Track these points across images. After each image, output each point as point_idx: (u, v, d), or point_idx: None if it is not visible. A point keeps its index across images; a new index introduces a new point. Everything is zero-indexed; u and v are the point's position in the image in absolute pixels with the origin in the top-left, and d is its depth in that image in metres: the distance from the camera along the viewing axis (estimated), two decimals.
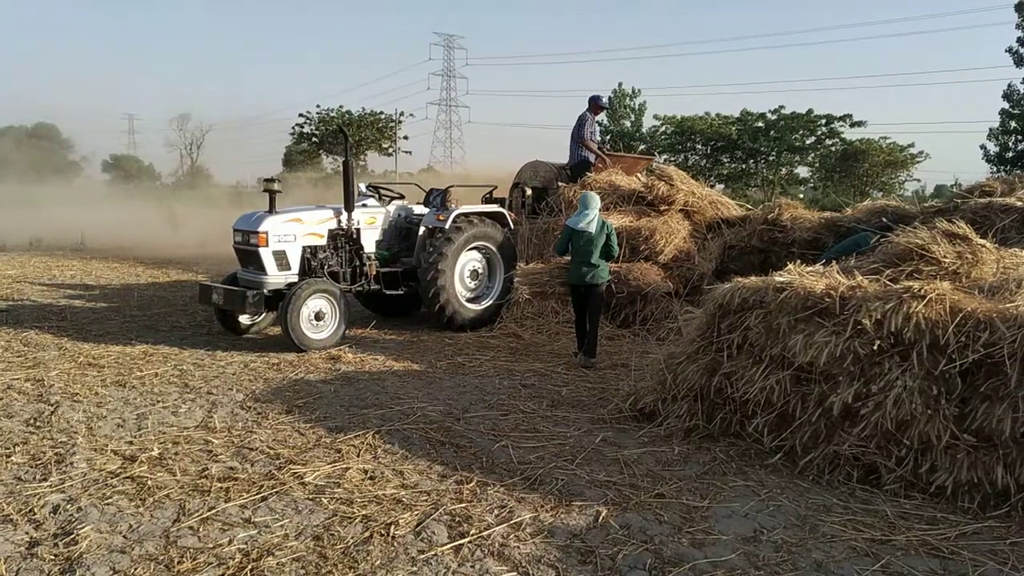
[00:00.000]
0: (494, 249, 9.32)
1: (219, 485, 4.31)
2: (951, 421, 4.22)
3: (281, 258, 8.23)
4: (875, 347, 4.41)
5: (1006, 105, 32.82)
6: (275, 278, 8.17)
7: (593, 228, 7.47)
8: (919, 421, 4.24)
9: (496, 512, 4.04)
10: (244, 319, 8.63)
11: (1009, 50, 32.18)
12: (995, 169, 32.09)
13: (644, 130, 43.69)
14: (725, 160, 41.31)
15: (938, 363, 4.27)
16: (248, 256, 8.35)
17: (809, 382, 4.72)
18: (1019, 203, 7.93)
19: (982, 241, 5.40)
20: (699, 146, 41.31)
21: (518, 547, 3.65)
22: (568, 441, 5.21)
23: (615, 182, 10.60)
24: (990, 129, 33.55)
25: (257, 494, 4.20)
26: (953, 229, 5.40)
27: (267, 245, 8.11)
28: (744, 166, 41.34)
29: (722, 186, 38.89)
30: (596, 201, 7.76)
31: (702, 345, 5.38)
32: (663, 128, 41.95)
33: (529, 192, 10.96)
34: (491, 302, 9.38)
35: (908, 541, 3.78)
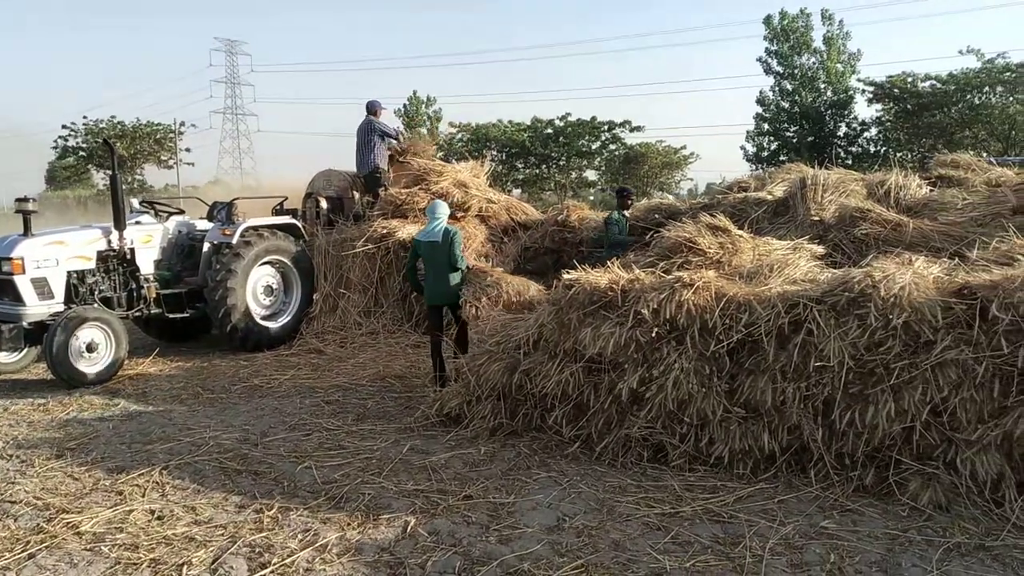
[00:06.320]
0: (289, 263, 8.98)
1: None
2: (723, 396, 4.63)
3: (42, 286, 7.39)
4: (654, 334, 4.74)
5: (759, 109, 36.93)
6: (36, 308, 7.33)
7: (440, 238, 6.54)
8: (696, 399, 4.62)
9: (300, 537, 3.88)
10: (1, 357, 7.65)
11: (759, 59, 36.28)
12: (754, 167, 35.96)
13: (440, 137, 44.21)
14: (520, 166, 42.78)
15: (709, 345, 4.68)
16: (2, 286, 7.41)
17: (599, 372, 4.98)
18: (769, 196, 8.92)
19: (740, 232, 6.00)
20: (495, 152, 42.46)
21: (324, 569, 3.53)
22: (375, 454, 5.12)
23: (413, 191, 10.55)
24: (747, 132, 37.60)
25: (23, 551, 3.74)
26: (715, 222, 5.95)
27: (24, 272, 7.26)
28: (538, 171, 43.05)
29: (519, 191, 40.22)
30: (443, 208, 6.77)
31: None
32: (459, 135, 42.66)
33: (323, 202, 10.65)
34: (289, 319, 9.03)
35: (694, 511, 4.10)
